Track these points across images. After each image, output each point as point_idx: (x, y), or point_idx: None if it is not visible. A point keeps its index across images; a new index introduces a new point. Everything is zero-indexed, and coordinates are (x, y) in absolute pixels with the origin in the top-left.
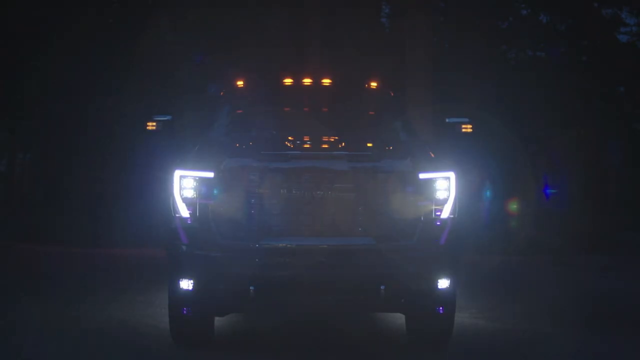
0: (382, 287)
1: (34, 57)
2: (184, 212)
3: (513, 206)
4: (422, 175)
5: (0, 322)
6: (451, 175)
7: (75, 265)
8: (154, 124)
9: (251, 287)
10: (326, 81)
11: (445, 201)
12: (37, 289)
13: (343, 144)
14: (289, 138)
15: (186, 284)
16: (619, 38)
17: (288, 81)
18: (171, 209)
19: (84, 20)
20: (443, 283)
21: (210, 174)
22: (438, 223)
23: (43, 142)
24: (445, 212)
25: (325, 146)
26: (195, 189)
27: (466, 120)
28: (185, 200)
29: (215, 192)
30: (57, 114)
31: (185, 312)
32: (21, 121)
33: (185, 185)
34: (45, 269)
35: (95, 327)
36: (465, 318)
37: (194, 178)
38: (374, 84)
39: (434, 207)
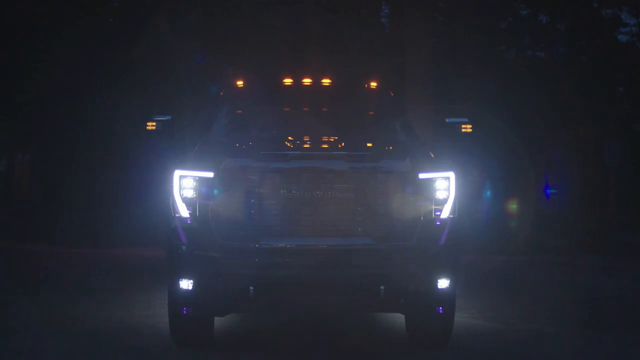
0: (382, 287)
1: (34, 57)
2: (184, 212)
3: (513, 206)
4: (421, 175)
5: (0, 322)
6: (451, 175)
7: (75, 265)
8: (154, 124)
9: (251, 287)
10: (326, 81)
11: (444, 201)
12: (37, 289)
13: (343, 144)
14: (289, 138)
15: (186, 284)
16: (619, 38)
17: (288, 81)
18: (171, 209)
19: (84, 20)
20: (443, 283)
21: (210, 174)
22: (438, 223)
23: (42, 142)
24: (445, 212)
25: (325, 146)
26: (195, 189)
27: (466, 120)
28: (185, 200)
29: (215, 192)
30: (56, 114)
31: (185, 312)
32: (21, 121)
33: (185, 185)
34: (45, 269)
35: (95, 327)
36: (465, 318)
37: (194, 178)
38: (373, 84)
39: (433, 207)
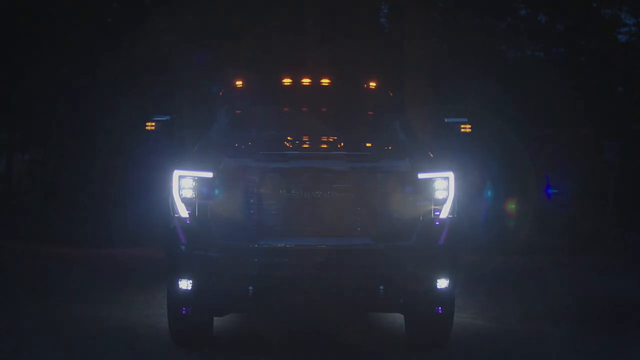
0: (381, 287)
1: (34, 57)
2: (183, 212)
3: (513, 206)
4: (421, 175)
5: (0, 322)
6: (450, 175)
7: (74, 265)
8: (154, 124)
9: (250, 288)
10: (325, 81)
11: (444, 201)
12: (37, 289)
13: (342, 144)
14: (288, 138)
15: (185, 284)
16: (618, 38)
17: (287, 81)
18: (170, 209)
19: (84, 20)
20: (442, 283)
21: (209, 174)
22: (437, 223)
23: (42, 142)
24: (444, 212)
25: (325, 146)
26: (194, 189)
27: (465, 120)
28: (184, 200)
29: (214, 192)
30: (56, 114)
31: (184, 312)
32: (20, 121)
33: (184, 185)
34: (45, 269)
35: (95, 327)
36: (465, 318)
37: (193, 178)
38: (373, 84)
39: (432, 207)
